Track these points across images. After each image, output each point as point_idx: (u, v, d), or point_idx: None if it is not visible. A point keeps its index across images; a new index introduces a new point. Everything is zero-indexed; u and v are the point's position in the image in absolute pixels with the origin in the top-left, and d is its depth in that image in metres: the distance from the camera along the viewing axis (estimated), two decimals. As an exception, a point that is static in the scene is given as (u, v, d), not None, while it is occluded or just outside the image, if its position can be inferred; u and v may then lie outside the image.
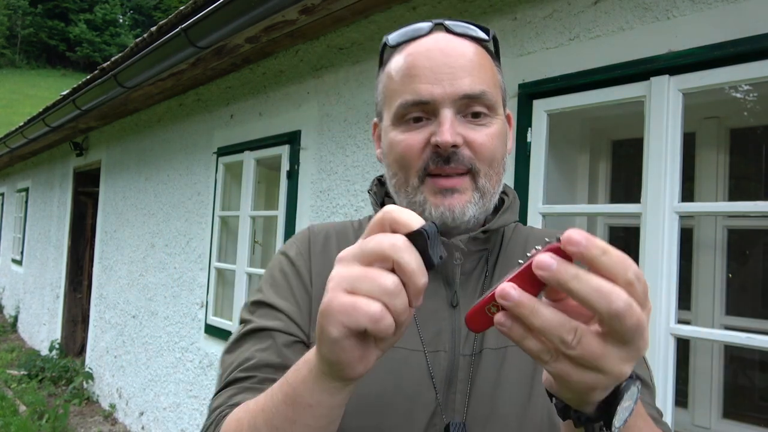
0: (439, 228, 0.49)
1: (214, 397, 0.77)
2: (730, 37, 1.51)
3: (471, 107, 0.77)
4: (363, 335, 0.49)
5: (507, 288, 0.44)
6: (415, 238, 0.48)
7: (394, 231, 0.49)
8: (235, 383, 0.75)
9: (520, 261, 0.46)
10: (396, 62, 0.81)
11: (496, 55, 0.85)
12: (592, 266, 0.42)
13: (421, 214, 0.77)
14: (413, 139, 0.77)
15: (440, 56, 0.77)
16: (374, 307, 0.47)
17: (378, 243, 0.48)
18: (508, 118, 0.88)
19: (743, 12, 1.50)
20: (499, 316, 0.46)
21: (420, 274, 0.47)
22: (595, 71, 1.79)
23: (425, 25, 0.80)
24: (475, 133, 0.77)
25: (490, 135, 0.78)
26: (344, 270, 0.49)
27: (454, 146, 0.75)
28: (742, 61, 1.48)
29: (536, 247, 0.46)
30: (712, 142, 2.28)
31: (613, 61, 1.75)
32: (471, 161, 0.76)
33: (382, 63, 0.85)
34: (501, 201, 0.88)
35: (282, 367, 0.73)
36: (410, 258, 0.47)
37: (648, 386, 0.78)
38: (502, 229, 0.87)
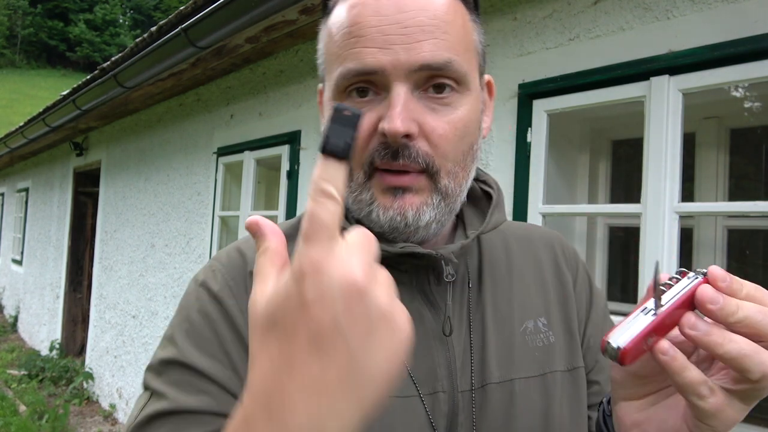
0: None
1: None
2: (730, 37, 1.50)
3: (433, 79, 0.59)
4: None
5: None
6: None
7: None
8: None
9: (663, 286, 0.44)
10: (338, 14, 0.61)
11: (474, 8, 0.67)
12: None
13: (368, 215, 0.62)
14: None
15: (393, 11, 0.57)
16: None
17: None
18: (488, 85, 0.70)
19: (743, 12, 1.49)
20: (663, 344, 0.42)
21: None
22: (595, 71, 1.79)
23: None
24: (435, 120, 0.59)
25: (455, 122, 0.59)
26: None
27: (407, 136, 0.57)
28: (742, 61, 1.48)
29: (675, 275, 0.44)
30: (712, 142, 2.28)
31: (613, 61, 1.75)
32: (427, 158, 0.58)
33: (326, 12, 0.65)
34: (487, 195, 0.73)
35: None
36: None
37: None
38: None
